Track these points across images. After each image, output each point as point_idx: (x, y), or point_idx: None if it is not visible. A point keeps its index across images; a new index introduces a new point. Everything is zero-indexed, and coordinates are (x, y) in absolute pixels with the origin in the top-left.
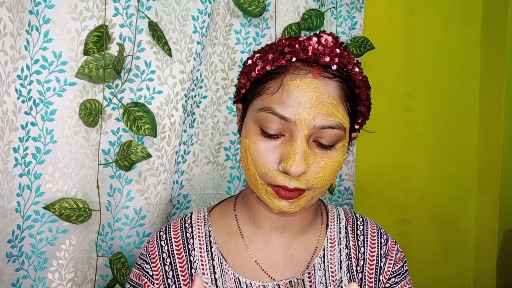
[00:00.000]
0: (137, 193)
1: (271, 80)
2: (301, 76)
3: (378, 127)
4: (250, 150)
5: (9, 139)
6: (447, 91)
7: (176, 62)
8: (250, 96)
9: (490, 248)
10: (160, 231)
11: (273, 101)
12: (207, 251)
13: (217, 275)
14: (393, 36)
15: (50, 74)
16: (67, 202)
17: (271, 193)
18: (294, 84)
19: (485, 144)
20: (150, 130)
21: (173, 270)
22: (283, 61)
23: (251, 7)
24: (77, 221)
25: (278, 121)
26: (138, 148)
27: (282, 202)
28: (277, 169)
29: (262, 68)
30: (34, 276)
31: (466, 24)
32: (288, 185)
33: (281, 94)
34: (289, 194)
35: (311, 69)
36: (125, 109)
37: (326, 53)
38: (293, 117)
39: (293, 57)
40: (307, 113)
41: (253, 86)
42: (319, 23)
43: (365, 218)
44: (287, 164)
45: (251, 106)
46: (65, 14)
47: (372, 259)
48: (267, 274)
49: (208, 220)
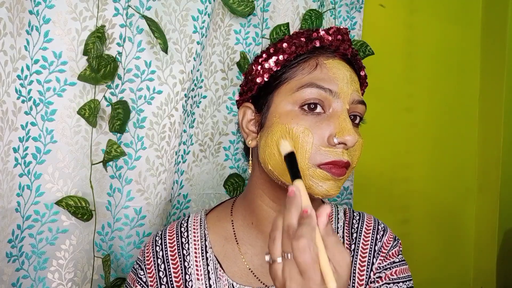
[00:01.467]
0: (137, 193)
1: (303, 63)
2: (331, 57)
3: (378, 127)
4: (293, 132)
5: (9, 139)
6: (447, 91)
7: (176, 62)
8: (269, 87)
9: (490, 248)
10: (156, 236)
11: (314, 78)
12: (202, 256)
13: (211, 281)
14: (393, 36)
15: (50, 74)
16: (72, 199)
17: (319, 176)
18: (329, 63)
19: (485, 144)
20: (119, 126)
21: (167, 276)
22: (312, 44)
23: (240, 7)
24: (83, 219)
25: (322, 95)
26: (113, 147)
27: (328, 183)
28: (326, 144)
29: (291, 53)
30: (34, 276)
31: (466, 24)
32: (342, 159)
33: (321, 71)
34: (340, 171)
35: (335, 54)
36: (112, 107)
37: (345, 41)
38: (337, 89)
39: (320, 43)
40: (347, 88)
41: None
42: (319, 24)
43: (362, 215)
44: (343, 134)
45: (280, 92)
46: (65, 14)
47: (364, 255)
48: (261, 281)
49: (205, 223)
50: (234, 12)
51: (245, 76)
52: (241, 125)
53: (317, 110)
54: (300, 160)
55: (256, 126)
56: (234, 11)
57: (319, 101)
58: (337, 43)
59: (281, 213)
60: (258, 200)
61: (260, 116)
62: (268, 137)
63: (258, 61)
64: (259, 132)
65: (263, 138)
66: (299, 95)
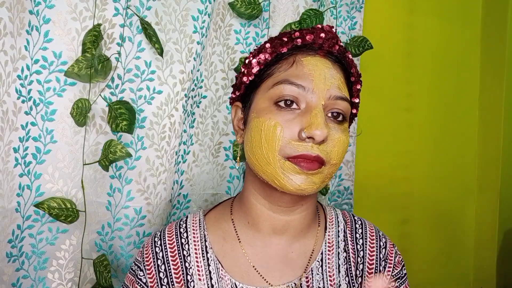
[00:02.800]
0: (137, 193)
1: (282, 61)
2: (311, 55)
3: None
4: (265, 126)
5: (9, 139)
6: (447, 91)
7: (176, 62)
8: (254, 85)
9: (490, 248)
10: (155, 237)
11: (288, 75)
12: (203, 256)
13: (213, 281)
14: (393, 36)
15: (50, 74)
16: (55, 201)
17: (289, 169)
18: (307, 60)
19: (485, 144)
20: (127, 126)
21: (167, 277)
22: (293, 43)
23: (247, 10)
24: (66, 221)
25: (295, 91)
26: (117, 147)
27: (299, 178)
28: (297, 139)
29: (272, 53)
30: (34, 276)
31: (466, 24)
32: (310, 152)
33: (296, 68)
34: (310, 165)
35: (318, 52)
36: (110, 107)
37: (330, 40)
38: (311, 86)
39: (301, 41)
40: (323, 84)
41: (258, 75)
42: (319, 23)
43: (363, 221)
44: (311, 128)
45: (260, 90)
46: (65, 14)
47: (371, 263)
48: (265, 279)
49: (204, 224)
50: (242, 15)
51: (236, 76)
52: (233, 122)
53: (293, 107)
54: (269, 152)
55: (242, 124)
56: (241, 15)
57: (293, 97)
58: (320, 40)
59: None
60: (251, 198)
61: (244, 113)
62: (247, 132)
63: (245, 61)
64: (244, 129)
65: (246, 134)
66: (273, 92)
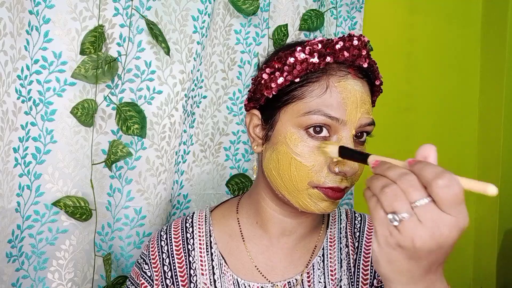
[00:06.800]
0: (137, 193)
1: (313, 83)
2: (344, 78)
3: (378, 127)
4: (295, 154)
5: (9, 139)
6: (447, 91)
7: (176, 62)
8: (279, 102)
9: (490, 248)
10: (161, 231)
11: (322, 103)
12: (207, 251)
13: (216, 276)
14: (393, 36)
15: (50, 74)
16: (70, 199)
17: (316, 196)
18: (340, 85)
19: (485, 144)
20: (139, 130)
21: (171, 271)
22: (325, 61)
23: (245, 5)
24: (81, 219)
25: (329, 123)
26: (118, 147)
27: (325, 203)
28: (327, 172)
29: (302, 70)
30: (34, 276)
31: (466, 24)
32: (339, 185)
33: (330, 95)
34: (338, 195)
35: (349, 70)
36: (118, 108)
37: (362, 56)
38: (344, 117)
39: (332, 59)
40: (355, 113)
41: (283, 91)
42: (319, 24)
43: (364, 216)
44: (344, 166)
45: (288, 112)
46: (65, 14)
47: (367, 254)
48: (266, 278)
49: (210, 220)
50: (240, 11)
51: (253, 82)
52: (248, 129)
53: (323, 134)
54: (298, 181)
55: (262, 135)
56: (240, 10)
57: (325, 126)
58: (353, 58)
59: (375, 180)
60: (262, 202)
61: (266, 128)
62: (273, 153)
63: (266, 71)
64: (264, 143)
65: (268, 151)
66: (305, 120)
